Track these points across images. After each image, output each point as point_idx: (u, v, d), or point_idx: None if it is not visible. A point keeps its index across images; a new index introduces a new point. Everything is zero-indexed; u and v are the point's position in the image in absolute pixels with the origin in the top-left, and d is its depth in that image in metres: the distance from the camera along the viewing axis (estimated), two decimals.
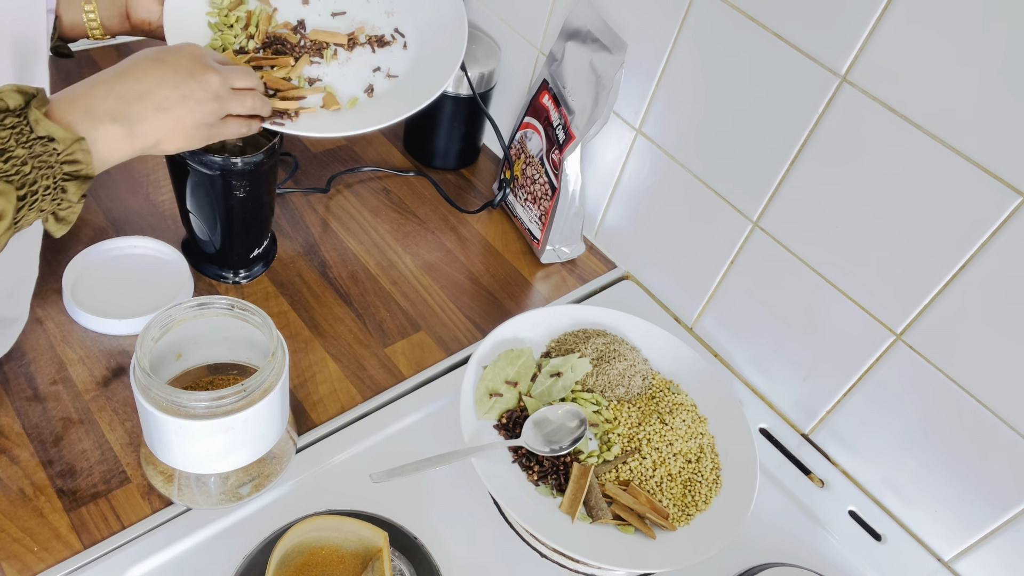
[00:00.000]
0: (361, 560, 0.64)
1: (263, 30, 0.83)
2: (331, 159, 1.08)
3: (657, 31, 0.86)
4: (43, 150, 0.56)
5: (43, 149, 0.56)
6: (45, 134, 0.56)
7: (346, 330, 0.88)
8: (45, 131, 0.56)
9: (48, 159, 0.56)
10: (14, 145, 0.54)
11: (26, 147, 0.55)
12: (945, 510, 0.77)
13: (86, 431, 0.75)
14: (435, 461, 0.72)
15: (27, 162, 0.55)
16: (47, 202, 0.57)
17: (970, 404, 0.72)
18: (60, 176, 0.58)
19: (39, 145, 0.56)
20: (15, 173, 0.54)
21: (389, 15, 0.89)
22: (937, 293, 0.71)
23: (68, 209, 0.60)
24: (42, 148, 0.56)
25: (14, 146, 0.54)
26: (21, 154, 0.54)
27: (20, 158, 0.54)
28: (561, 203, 0.95)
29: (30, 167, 0.55)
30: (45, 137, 0.56)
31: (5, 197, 0.53)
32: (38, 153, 0.55)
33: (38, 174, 0.56)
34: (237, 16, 0.83)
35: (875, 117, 0.71)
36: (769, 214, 0.83)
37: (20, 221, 0.56)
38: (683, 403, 0.81)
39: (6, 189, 0.53)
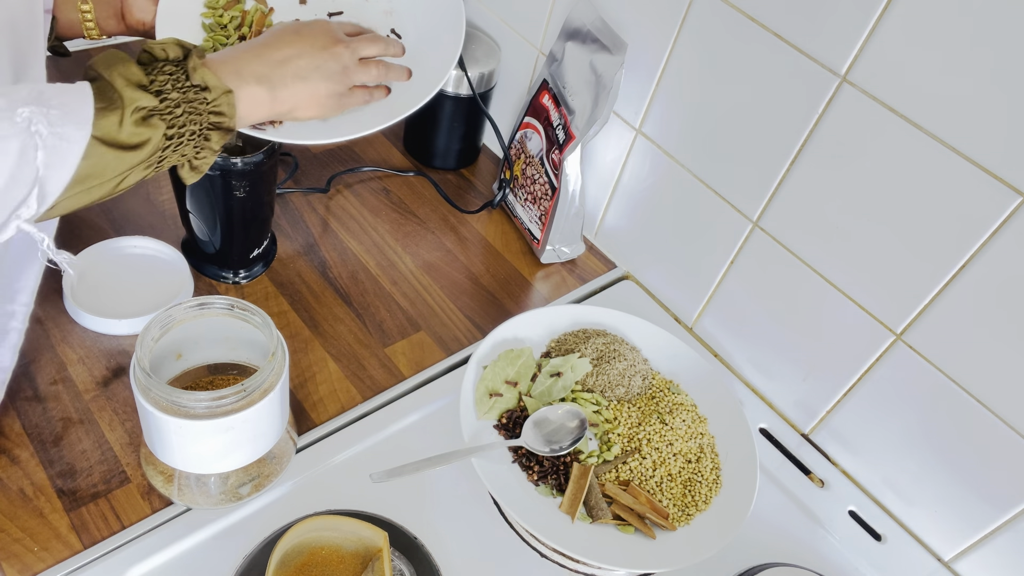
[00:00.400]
0: (361, 560, 0.64)
1: (257, 31, 0.82)
2: (331, 159, 1.08)
3: (657, 31, 0.86)
4: (196, 97, 0.61)
5: (195, 96, 0.61)
6: (200, 82, 0.61)
7: (346, 330, 0.88)
8: (200, 79, 0.61)
9: (199, 106, 0.61)
10: (170, 88, 0.59)
11: (181, 92, 0.60)
12: (945, 510, 0.77)
13: (86, 431, 0.75)
14: (435, 461, 0.72)
15: (180, 104, 0.59)
16: (189, 148, 0.62)
17: (970, 404, 0.72)
18: (207, 124, 0.62)
19: (192, 92, 0.60)
20: (168, 113, 0.59)
21: (387, 14, 0.88)
22: (937, 293, 0.71)
23: (203, 160, 0.64)
24: (195, 95, 0.61)
25: (170, 89, 0.59)
26: (175, 97, 0.59)
27: (174, 100, 0.59)
28: (561, 203, 0.95)
29: (182, 110, 0.60)
30: (199, 85, 0.61)
31: (154, 129, 0.58)
32: (191, 99, 0.60)
33: (187, 118, 0.60)
34: (232, 16, 0.83)
35: (875, 117, 0.71)
36: (769, 214, 0.83)
37: (163, 161, 0.60)
38: (683, 403, 0.81)
39: (157, 123, 0.58)
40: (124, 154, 0.57)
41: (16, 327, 0.70)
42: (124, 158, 0.57)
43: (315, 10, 0.87)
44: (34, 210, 0.54)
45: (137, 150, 0.57)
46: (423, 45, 0.86)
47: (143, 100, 0.57)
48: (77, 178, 0.55)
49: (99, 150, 0.55)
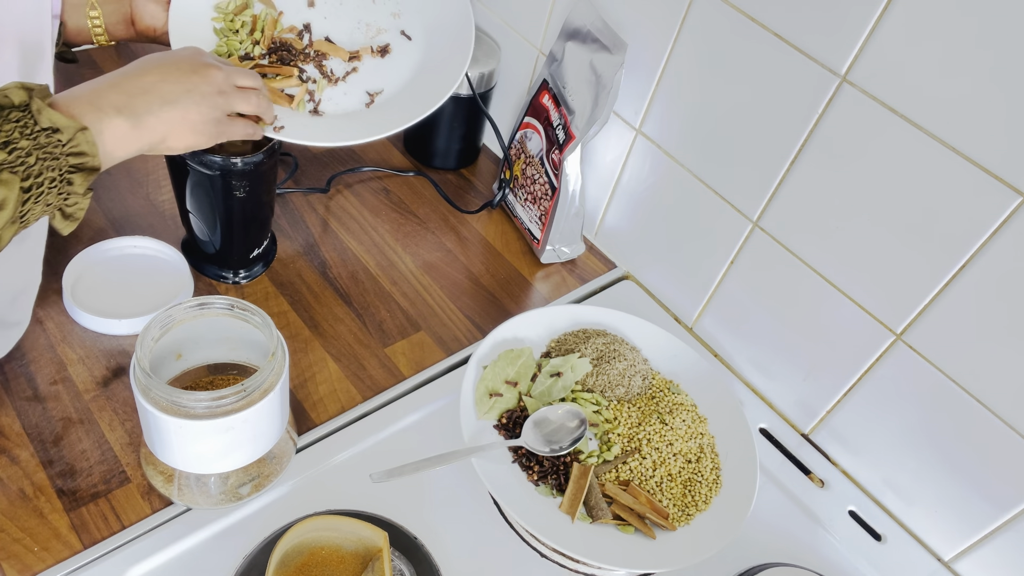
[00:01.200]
0: (361, 560, 0.64)
1: (268, 35, 0.82)
2: (331, 159, 1.08)
3: (657, 31, 0.86)
4: (48, 141, 0.56)
5: (48, 140, 0.56)
6: (49, 125, 0.56)
7: (346, 330, 0.88)
8: (49, 121, 0.56)
9: (53, 150, 0.56)
10: (19, 137, 0.54)
11: (31, 139, 0.55)
12: (945, 510, 0.77)
13: (86, 431, 0.75)
14: (435, 461, 0.72)
15: (31, 153, 0.55)
16: (53, 195, 0.57)
17: (970, 404, 0.72)
18: (66, 168, 0.58)
19: (43, 136, 0.56)
20: (19, 164, 0.54)
21: (396, 16, 0.88)
22: (937, 293, 0.71)
23: (75, 205, 0.60)
24: (47, 139, 0.56)
25: (19, 138, 0.54)
26: (25, 145, 0.54)
27: (24, 149, 0.54)
28: (561, 203, 0.95)
29: (35, 158, 0.55)
30: (49, 128, 0.56)
31: (7, 187, 0.53)
32: (43, 144, 0.55)
33: (43, 165, 0.55)
34: (243, 21, 0.83)
35: (875, 117, 0.71)
36: (769, 214, 0.83)
37: (26, 215, 0.56)
38: (683, 403, 0.81)
39: (9, 179, 0.53)
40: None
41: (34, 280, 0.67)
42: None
43: (324, 12, 0.86)
44: None
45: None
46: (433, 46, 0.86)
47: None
48: None
49: None
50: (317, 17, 0.86)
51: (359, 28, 0.87)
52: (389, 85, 0.85)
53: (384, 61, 0.86)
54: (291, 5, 0.86)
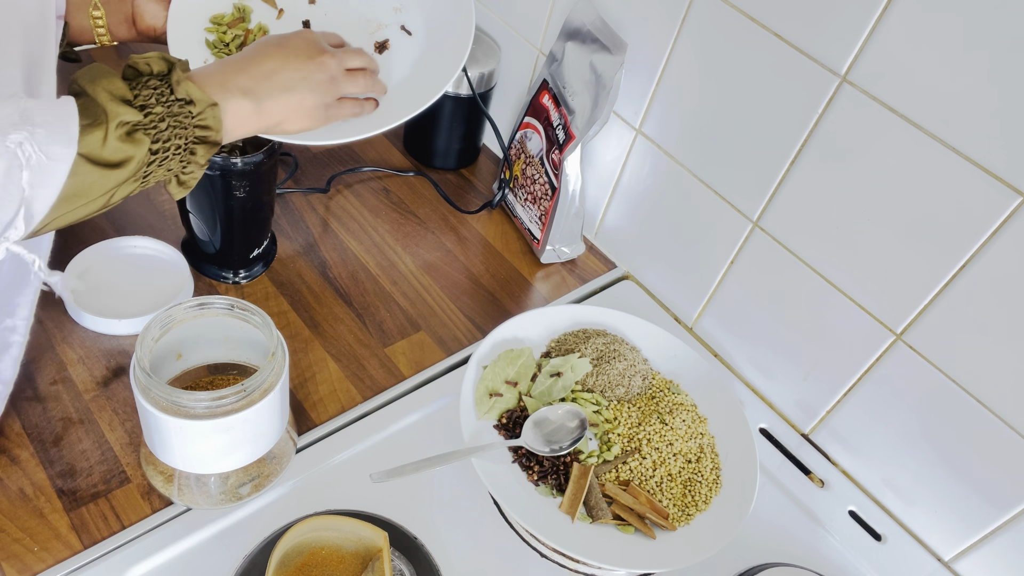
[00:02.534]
0: (361, 560, 0.64)
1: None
2: (331, 159, 1.08)
3: (657, 31, 0.86)
4: (180, 111, 0.60)
5: (180, 110, 0.60)
6: (184, 96, 0.60)
7: (346, 330, 0.88)
8: (184, 93, 0.60)
9: (183, 120, 0.60)
10: (155, 103, 0.59)
11: (165, 106, 0.59)
12: (945, 510, 0.77)
13: (86, 431, 0.75)
14: (435, 461, 0.72)
15: (164, 119, 0.59)
16: (175, 162, 0.61)
17: (970, 404, 0.72)
18: (192, 138, 0.61)
19: (177, 106, 0.60)
20: (152, 128, 0.58)
21: (397, 11, 0.88)
22: (937, 293, 0.71)
23: (190, 174, 0.64)
24: (179, 109, 0.60)
25: (154, 103, 0.58)
26: (160, 111, 0.59)
27: (159, 115, 0.59)
28: (561, 203, 0.95)
29: (167, 124, 0.59)
30: (183, 99, 0.60)
31: (137, 146, 0.57)
32: (175, 113, 0.60)
33: (172, 132, 0.60)
34: (234, 35, 0.83)
35: (875, 117, 0.71)
36: (769, 214, 0.83)
37: (149, 176, 0.60)
38: (683, 403, 0.81)
39: (141, 139, 0.57)
40: (109, 172, 0.56)
41: (17, 340, 0.70)
42: (109, 176, 0.56)
43: (324, 8, 0.86)
44: (22, 231, 0.54)
45: (121, 168, 0.57)
46: (433, 41, 0.86)
47: (127, 115, 0.56)
48: (63, 197, 0.54)
49: (84, 168, 0.55)
50: (318, 13, 0.86)
51: (359, 24, 0.87)
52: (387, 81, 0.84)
53: (382, 57, 0.85)
54: (292, 2, 0.86)
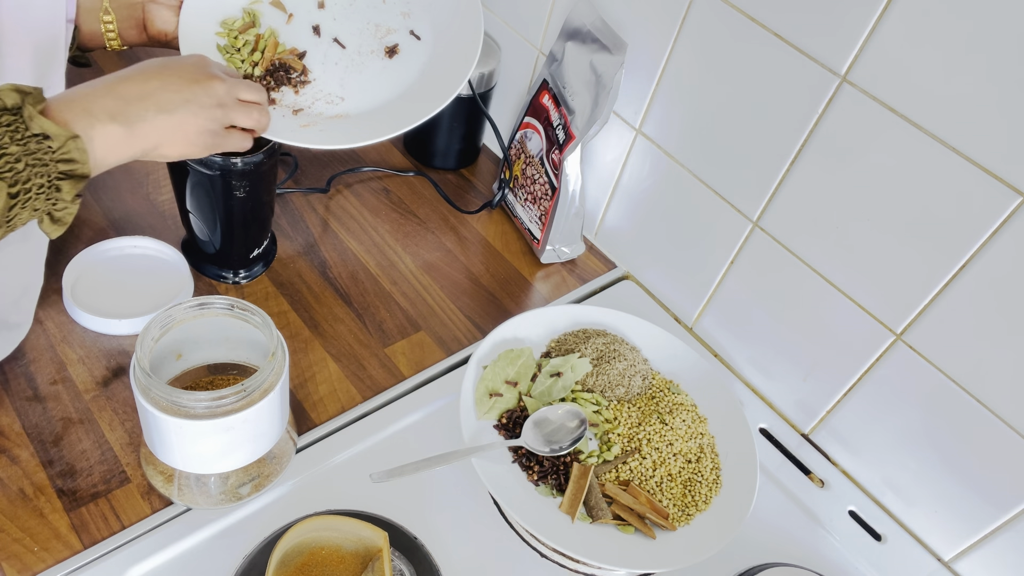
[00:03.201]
0: (361, 560, 0.64)
1: (268, 57, 0.82)
2: (331, 159, 1.08)
3: (657, 31, 0.86)
4: (38, 148, 0.55)
5: (38, 147, 0.55)
6: (40, 131, 0.56)
7: (346, 330, 0.88)
8: (40, 128, 0.56)
9: (43, 157, 0.56)
10: (8, 142, 0.54)
11: (20, 144, 0.54)
12: (945, 510, 0.77)
13: (86, 431, 0.75)
14: (435, 461, 0.72)
15: (21, 159, 0.54)
16: (41, 201, 0.57)
17: (970, 404, 0.72)
18: (55, 175, 0.57)
19: (34, 143, 0.55)
20: (8, 170, 0.54)
21: (405, 16, 0.88)
22: (937, 293, 0.71)
23: (64, 210, 0.60)
24: (36, 146, 0.55)
25: (8, 143, 0.54)
26: (15, 151, 0.54)
27: (14, 155, 0.54)
28: (561, 203, 0.95)
29: (24, 164, 0.55)
30: (40, 135, 0.56)
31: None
32: (32, 151, 0.55)
33: (31, 171, 0.55)
34: (245, 40, 0.83)
35: (875, 117, 0.71)
36: (769, 214, 0.83)
37: (13, 220, 0.56)
38: (683, 403, 0.81)
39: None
40: None
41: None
42: None
43: (334, 13, 0.86)
44: None
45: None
46: (441, 46, 0.86)
47: None
48: None
49: None
50: (327, 18, 0.86)
51: (368, 29, 0.87)
52: (395, 86, 0.85)
53: (391, 62, 0.86)
54: (301, 5, 0.86)
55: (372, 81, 0.85)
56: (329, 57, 0.85)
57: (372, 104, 0.84)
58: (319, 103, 0.83)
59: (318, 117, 0.82)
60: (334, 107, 0.83)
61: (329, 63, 0.85)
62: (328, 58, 0.85)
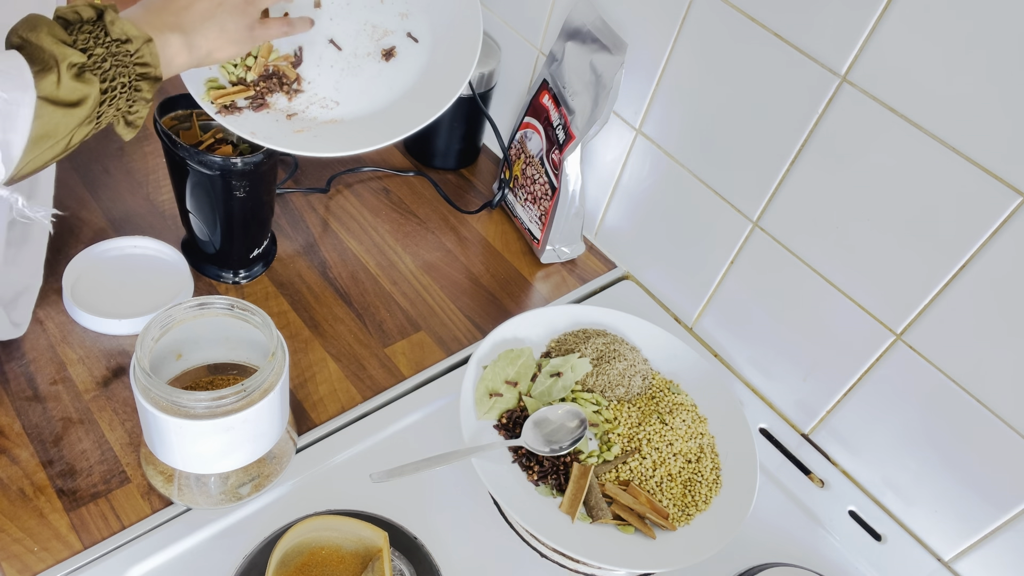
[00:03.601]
0: (361, 560, 0.64)
1: (262, 62, 0.81)
2: (331, 160, 1.08)
3: (657, 31, 0.86)
4: (119, 50, 0.61)
5: (119, 49, 0.61)
6: (120, 35, 0.61)
7: (346, 330, 0.88)
8: (120, 32, 0.61)
9: (124, 59, 0.62)
10: (94, 45, 0.60)
11: (104, 47, 0.60)
12: (945, 510, 0.77)
13: (86, 431, 0.75)
14: (435, 461, 0.72)
15: (106, 59, 0.60)
16: (123, 101, 0.63)
17: (970, 404, 0.72)
18: (134, 75, 0.63)
19: (115, 46, 0.61)
20: (97, 68, 0.60)
21: (403, 16, 0.87)
22: (937, 293, 0.71)
23: (136, 113, 0.65)
24: (118, 48, 0.61)
25: (94, 45, 0.60)
26: (101, 52, 0.60)
27: (100, 55, 0.60)
28: (561, 203, 0.95)
29: (109, 64, 0.61)
30: (120, 39, 0.61)
31: (89, 84, 0.59)
32: (115, 52, 0.61)
33: (116, 71, 0.61)
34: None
35: (875, 117, 0.71)
36: (769, 214, 0.83)
37: (101, 117, 0.61)
38: (683, 403, 0.81)
39: (91, 79, 0.59)
40: (70, 111, 0.59)
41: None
42: (71, 115, 0.59)
43: (330, 13, 0.85)
44: (1, 174, 0.56)
45: (79, 106, 0.59)
46: (440, 49, 0.85)
47: (74, 56, 0.58)
48: (33, 140, 0.57)
49: (47, 110, 0.57)
50: (323, 18, 0.85)
51: (365, 30, 0.85)
52: (391, 91, 0.83)
53: (388, 65, 0.85)
54: (297, 6, 0.85)
55: (368, 85, 0.83)
56: (324, 59, 0.84)
57: (367, 110, 0.82)
58: (313, 107, 0.81)
59: (312, 122, 0.80)
60: (329, 112, 0.81)
61: (324, 66, 0.83)
62: (323, 60, 0.83)
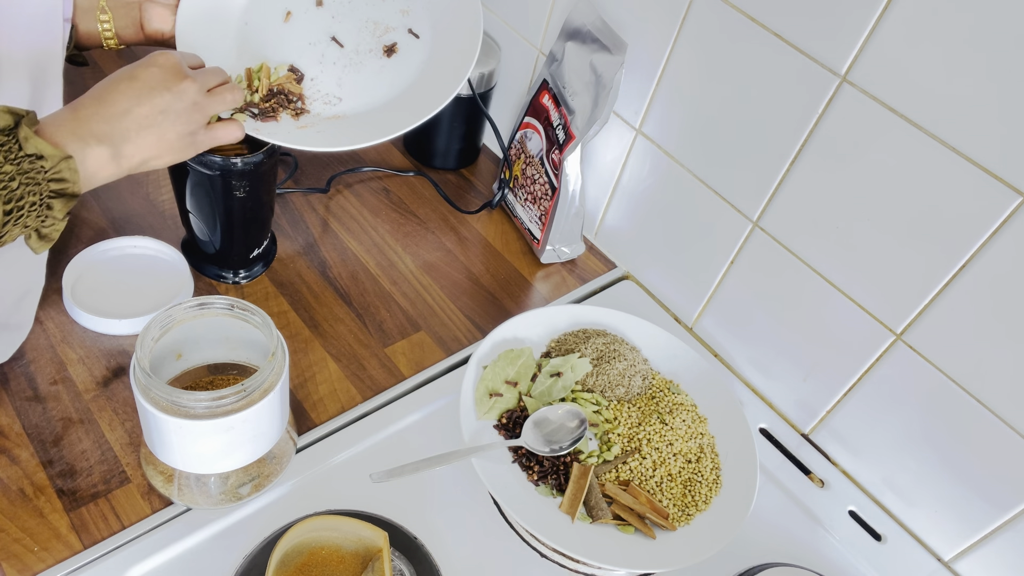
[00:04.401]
0: (361, 560, 0.64)
1: (265, 84, 0.81)
2: (331, 159, 1.08)
3: (657, 31, 0.86)
4: (31, 167, 0.57)
5: (31, 166, 0.57)
6: (34, 152, 0.57)
7: (346, 330, 0.88)
8: (34, 149, 0.57)
9: (36, 176, 0.57)
10: (2, 161, 0.56)
11: (14, 164, 0.56)
12: (945, 510, 0.77)
13: (86, 431, 0.75)
14: (435, 461, 0.72)
15: (15, 178, 0.56)
16: (32, 218, 0.59)
17: (970, 404, 0.72)
18: (47, 193, 0.59)
19: (27, 163, 0.57)
20: (2, 188, 0.55)
21: (404, 13, 0.87)
22: (937, 293, 0.71)
23: (52, 227, 0.61)
24: (30, 165, 0.57)
25: (2, 162, 0.56)
26: (9, 170, 0.56)
27: (8, 174, 0.56)
28: (561, 203, 0.95)
29: (17, 183, 0.56)
30: (34, 155, 0.57)
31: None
32: (26, 170, 0.57)
33: (25, 190, 0.57)
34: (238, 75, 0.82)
35: (875, 117, 0.71)
36: (769, 214, 0.83)
37: (4, 236, 0.57)
38: (683, 403, 0.81)
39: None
40: None
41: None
42: None
43: (332, 11, 0.86)
44: None
45: None
46: (440, 45, 0.86)
47: None
48: None
49: None
50: (325, 16, 0.86)
51: (367, 27, 0.86)
52: (393, 86, 0.84)
53: (390, 61, 0.85)
54: (299, 3, 0.86)
55: (370, 81, 0.84)
56: (327, 56, 0.85)
57: (370, 105, 0.83)
58: (316, 103, 0.83)
59: (316, 118, 0.81)
60: (332, 107, 0.83)
61: (327, 63, 0.84)
62: (326, 57, 0.85)
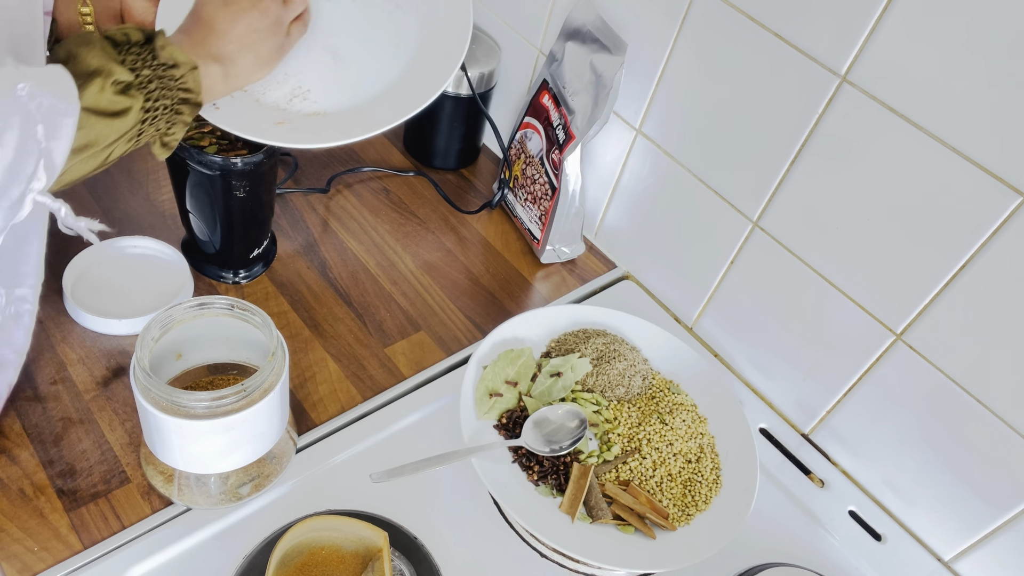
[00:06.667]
0: (361, 560, 0.64)
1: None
2: (331, 159, 1.08)
3: (657, 31, 0.86)
4: (165, 74, 0.63)
5: (165, 73, 0.63)
6: (168, 60, 0.63)
7: (346, 330, 0.88)
8: (168, 57, 0.63)
9: (168, 82, 0.64)
10: (141, 66, 0.62)
11: (151, 69, 0.63)
12: (945, 510, 0.77)
13: (86, 431, 0.75)
14: (435, 461, 0.72)
15: (152, 80, 0.62)
16: (163, 122, 0.65)
17: (970, 404, 0.72)
18: (177, 99, 0.65)
19: (162, 70, 0.63)
20: (141, 88, 0.62)
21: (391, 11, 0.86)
22: (937, 293, 0.71)
23: (172, 136, 0.67)
24: (164, 72, 0.63)
25: (141, 67, 0.62)
26: (147, 74, 0.62)
27: (147, 77, 0.62)
28: (561, 203, 0.95)
29: (155, 86, 0.63)
30: (167, 63, 0.63)
31: (134, 99, 0.61)
32: (161, 76, 0.63)
33: (160, 93, 0.63)
34: None
35: (875, 117, 0.71)
36: (769, 214, 0.83)
37: (142, 135, 0.63)
38: (683, 403, 0.81)
39: (135, 95, 0.61)
40: (112, 122, 0.60)
41: (28, 309, 0.72)
42: (112, 126, 0.60)
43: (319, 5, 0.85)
44: (44, 181, 0.57)
45: (123, 116, 0.60)
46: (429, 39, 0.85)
47: (121, 74, 0.60)
48: (75, 147, 0.58)
49: (90, 120, 0.58)
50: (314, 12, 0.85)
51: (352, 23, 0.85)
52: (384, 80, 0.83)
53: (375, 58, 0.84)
54: None
55: (353, 78, 0.81)
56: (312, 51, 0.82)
57: (351, 102, 0.80)
58: (296, 100, 0.79)
59: (295, 115, 0.78)
60: (312, 104, 0.79)
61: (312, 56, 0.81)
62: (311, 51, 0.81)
